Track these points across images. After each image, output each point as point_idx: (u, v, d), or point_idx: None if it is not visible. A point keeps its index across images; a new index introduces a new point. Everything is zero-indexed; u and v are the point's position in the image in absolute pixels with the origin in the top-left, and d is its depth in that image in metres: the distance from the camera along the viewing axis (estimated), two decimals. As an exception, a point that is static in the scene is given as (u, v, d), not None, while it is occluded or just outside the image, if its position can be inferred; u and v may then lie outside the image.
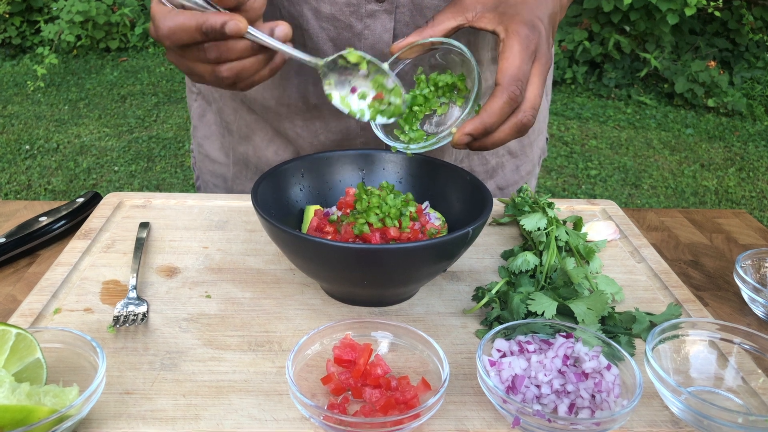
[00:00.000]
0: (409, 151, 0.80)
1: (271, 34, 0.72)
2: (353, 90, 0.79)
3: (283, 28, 0.73)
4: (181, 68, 0.75)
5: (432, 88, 0.81)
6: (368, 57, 0.78)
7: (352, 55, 0.77)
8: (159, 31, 0.70)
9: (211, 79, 0.74)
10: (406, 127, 0.81)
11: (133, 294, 0.79)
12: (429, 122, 0.83)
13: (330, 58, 0.77)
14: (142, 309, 0.77)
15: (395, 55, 0.80)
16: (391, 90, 0.79)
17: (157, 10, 0.71)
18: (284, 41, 0.73)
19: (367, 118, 0.80)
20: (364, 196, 0.80)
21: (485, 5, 0.78)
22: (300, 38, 0.93)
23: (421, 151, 0.80)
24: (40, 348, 0.63)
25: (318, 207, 0.87)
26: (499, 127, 0.74)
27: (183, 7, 0.70)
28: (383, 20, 0.91)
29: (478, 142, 0.76)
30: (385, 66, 0.79)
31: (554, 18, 0.81)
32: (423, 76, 0.82)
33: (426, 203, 0.88)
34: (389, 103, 0.80)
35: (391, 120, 0.80)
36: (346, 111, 0.80)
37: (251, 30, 0.70)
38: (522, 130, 0.75)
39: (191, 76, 0.75)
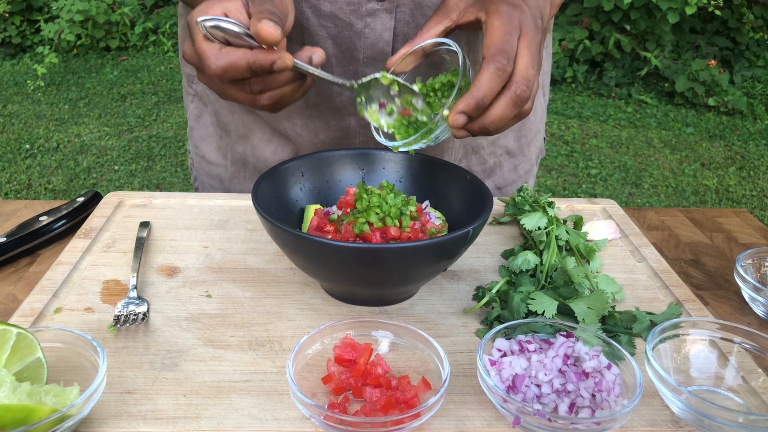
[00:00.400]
0: (411, 149, 0.81)
1: (309, 62, 0.76)
2: (382, 105, 0.83)
3: (320, 55, 0.76)
4: (215, 90, 0.78)
5: (431, 94, 0.81)
6: (400, 80, 0.81)
7: (385, 78, 0.81)
8: (210, 70, 0.73)
9: (248, 104, 0.77)
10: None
11: (133, 293, 0.79)
12: None
13: (364, 80, 0.81)
14: (143, 308, 0.77)
15: (392, 69, 0.82)
16: (420, 110, 0.82)
17: (206, 48, 0.73)
18: (319, 66, 0.77)
19: (390, 131, 0.83)
20: (365, 196, 0.80)
21: (467, 1, 0.80)
22: (299, 36, 0.94)
23: (422, 145, 0.80)
24: (40, 347, 0.63)
25: (318, 206, 0.87)
26: (494, 103, 0.73)
27: (227, 42, 0.73)
28: (383, 19, 0.91)
29: (476, 122, 0.74)
30: (416, 87, 0.82)
31: (540, 2, 0.80)
32: (421, 84, 0.83)
33: (426, 202, 0.88)
34: (416, 120, 0.82)
35: (421, 143, 0.81)
36: (374, 125, 0.83)
37: (295, 61, 0.74)
38: (519, 103, 0.73)
39: (223, 97, 0.79)
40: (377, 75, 0.81)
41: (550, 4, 0.83)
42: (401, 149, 0.81)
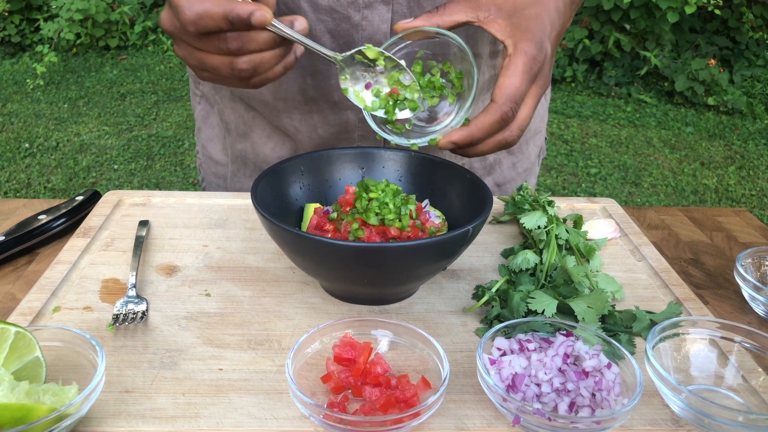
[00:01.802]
0: (413, 144, 0.79)
1: (291, 27, 0.72)
2: (368, 86, 0.80)
3: (301, 21, 0.73)
4: (191, 62, 0.74)
5: (426, 86, 0.81)
6: (386, 53, 0.78)
7: (371, 50, 0.78)
8: (183, 16, 0.69)
9: (226, 72, 0.72)
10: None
11: (132, 292, 0.79)
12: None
13: (348, 53, 0.78)
14: (142, 307, 0.77)
15: (399, 35, 0.79)
16: (407, 86, 0.80)
17: None
18: (302, 35, 0.73)
19: (380, 113, 0.80)
20: (364, 195, 0.79)
21: (500, 10, 0.77)
22: None
23: (419, 143, 0.79)
24: (39, 346, 0.63)
25: (318, 205, 0.87)
26: (485, 143, 0.76)
27: None
28: (381, 11, 0.91)
29: (461, 150, 0.77)
30: (402, 63, 0.79)
31: (560, 37, 0.81)
32: (419, 68, 0.81)
33: (426, 201, 0.88)
34: (405, 99, 0.80)
35: (409, 115, 0.80)
36: (360, 106, 0.80)
37: (275, 22, 0.70)
38: (504, 147, 0.77)
39: (202, 71, 0.74)
40: (362, 47, 0.78)
41: (565, 22, 0.83)
42: (398, 144, 0.80)
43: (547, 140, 1.30)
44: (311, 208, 0.86)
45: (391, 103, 0.80)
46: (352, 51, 0.78)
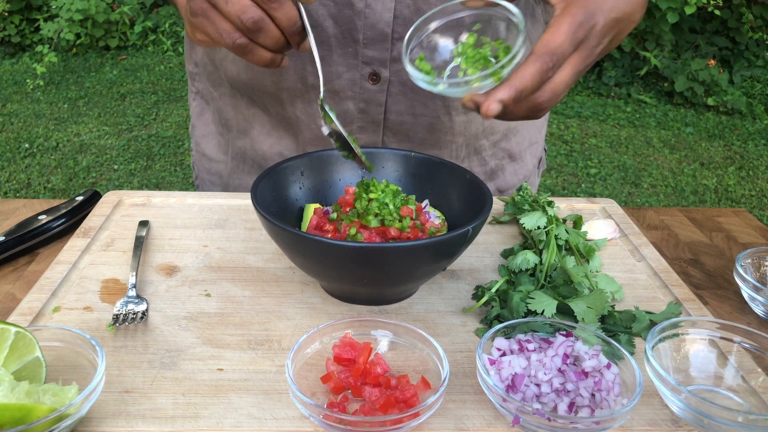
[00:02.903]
0: (435, 87, 0.73)
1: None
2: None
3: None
4: (196, 9, 0.72)
5: (473, 57, 0.75)
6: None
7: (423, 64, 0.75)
8: None
9: (232, 19, 0.70)
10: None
11: (132, 292, 0.79)
12: (443, 71, 0.78)
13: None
14: (142, 307, 0.77)
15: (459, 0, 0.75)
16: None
17: None
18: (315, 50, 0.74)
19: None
20: (364, 195, 0.79)
21: None
22: (297, 14, 0.93)
23: (449, 91, 0.73)
24: (39, 346, 0.63)
25: (318, 205, 0.87)
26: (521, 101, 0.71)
27: None
28: (384, 0, 0.91)
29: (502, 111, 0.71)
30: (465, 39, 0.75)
31: (619, 23, 0.76)
32: (473, 39, 0.76)
33: (426, 201, 0.88)
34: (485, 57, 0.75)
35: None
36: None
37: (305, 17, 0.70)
38: (535, 110, 0.72)
39: (202, 20, 0.72)
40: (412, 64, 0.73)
41: (630, 18, 0.78)
42: (425, 86, 0.74)
43: (546, 152, 1.30)
44: (311, 209, 0.86)
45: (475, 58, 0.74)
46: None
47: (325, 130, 0.78)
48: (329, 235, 0.79)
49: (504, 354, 0.67)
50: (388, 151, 0.91)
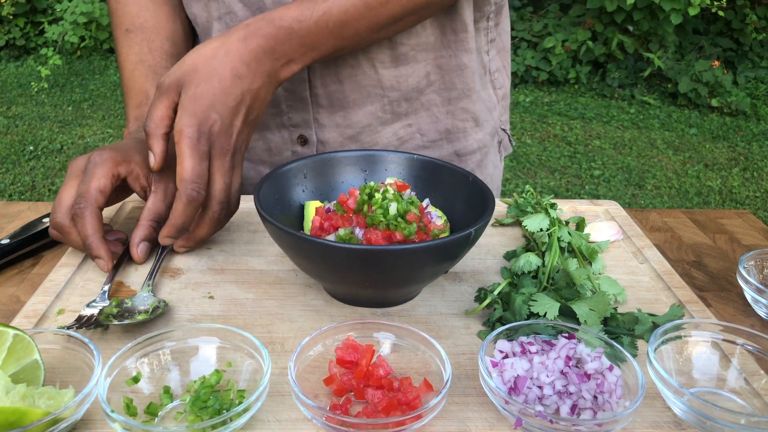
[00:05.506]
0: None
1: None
2: None
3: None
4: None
5: None
6: None
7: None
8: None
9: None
10: None
11: (103, 291, 0.79)
12: None
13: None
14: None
15: None
16: None
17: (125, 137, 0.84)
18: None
19: None
20: (366, 200, 0.79)
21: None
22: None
23: None
24: (38, 349, 0.63)
25: (318, 203, 0.86)
26: (198, 224, 0.85)
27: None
28: None
29: (186, 241, 0.86)
30: None
31: (244, 97, 0.83)
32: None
33: (426, 200, 0.88)
34: None
35: None
36: None
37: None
38: (221, 222, 0.86)
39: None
40: None
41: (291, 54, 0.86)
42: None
43: (509, 136, 1.24)
44: (311, 206, 0.86)
45: None
46: None
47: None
48: (332, 232, 0.79)
49: (506, 356, 0.68)
50: (391, 153, 0.91)
